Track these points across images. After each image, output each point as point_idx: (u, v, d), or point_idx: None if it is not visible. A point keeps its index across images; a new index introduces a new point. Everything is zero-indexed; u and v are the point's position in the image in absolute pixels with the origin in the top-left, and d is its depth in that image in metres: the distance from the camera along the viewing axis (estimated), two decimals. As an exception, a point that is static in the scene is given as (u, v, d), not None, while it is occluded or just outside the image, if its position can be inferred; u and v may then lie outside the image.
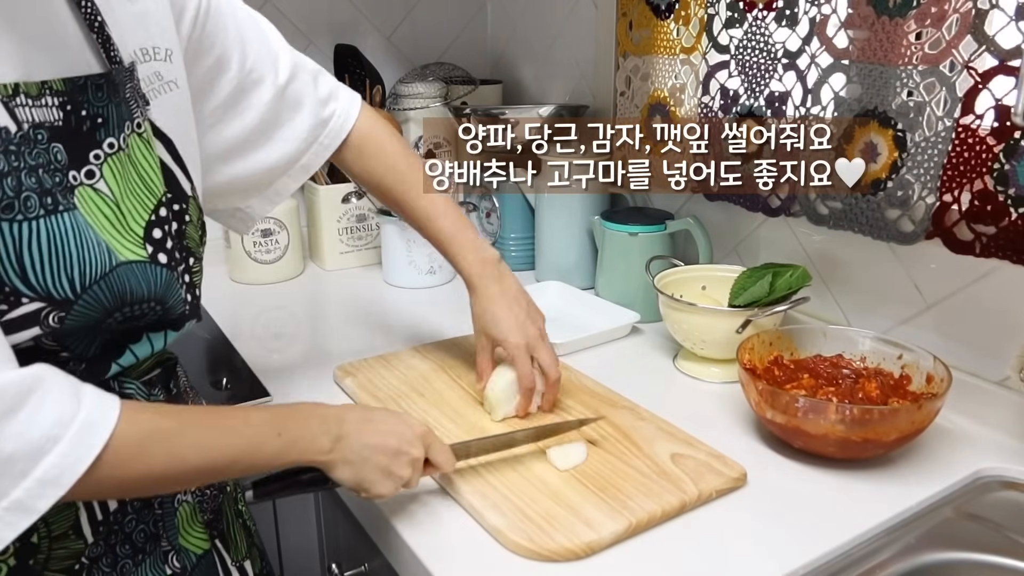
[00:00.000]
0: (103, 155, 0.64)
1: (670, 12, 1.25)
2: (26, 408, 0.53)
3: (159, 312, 0.68)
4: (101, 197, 0.64)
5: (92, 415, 0.56)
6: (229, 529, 0.83)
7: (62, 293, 0.59)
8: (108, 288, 0.62)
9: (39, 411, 0.54)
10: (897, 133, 0.97)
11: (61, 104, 0.61)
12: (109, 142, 0.65)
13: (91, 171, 0.63)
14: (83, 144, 0.63)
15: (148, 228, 0.67)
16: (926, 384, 0.91)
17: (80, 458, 0.55)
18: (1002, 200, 0.89)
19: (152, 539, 0.72)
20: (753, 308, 1.04)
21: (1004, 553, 0.78)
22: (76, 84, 0.62)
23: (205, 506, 0.79)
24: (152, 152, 0.69)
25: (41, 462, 0.53)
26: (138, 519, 0.70)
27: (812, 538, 0.76)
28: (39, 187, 0.58)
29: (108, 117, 0.65)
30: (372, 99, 1.57)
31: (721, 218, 1.27)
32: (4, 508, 0.53)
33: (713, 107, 1.22)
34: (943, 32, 0.91)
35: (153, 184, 0.69)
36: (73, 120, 0.62)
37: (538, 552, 0.73)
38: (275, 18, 1.54)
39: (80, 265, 0.60)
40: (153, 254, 0.67)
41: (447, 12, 1.74)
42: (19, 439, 0.53)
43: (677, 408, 0.98)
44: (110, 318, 0.63)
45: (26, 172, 0.57)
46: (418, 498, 0.83)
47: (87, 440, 0.55)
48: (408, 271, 1.44)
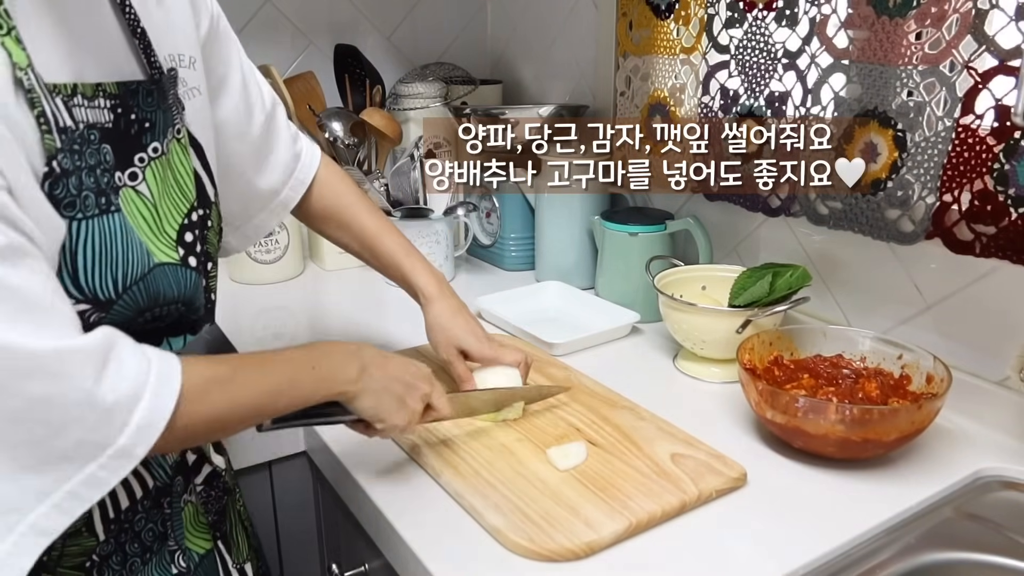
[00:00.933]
0: (147, 159, 0.67)
1: (670, 12, 1.25)
2: (112, 363, 0.57)
3: (182, 313, 0.70)
4: (142, 199, 0.66)
5: (162, 366, 0.60)
6: (232, 531, 0.84)
7: (106, 294, 0.62)
8: (145, 289, 0.65)
9: (123, 365, 0.57)
10: (897, 133, 0.97)
11: (112, 107, 0.64)
12: (154, 146, 0.67)
13: (134, 173, 0.66)
14: (129, 147, 0.65)
15: (181, 232, 0.70)
16: (926, 384, 0.91)
17: (165, 404, 0.58)
18: (1002, 200, 0.89)
19: (160, 538, 0.73)
20: (753, 308, 1.04)
21: (1004, 553, 0.78)
22: (128, 88, 0.65)
23: (209, 507, 0.80)
24: (188, 158, 0.72)
25: (136, 410, 0.57)
26: (147, 518, 0.72)
27: (812, 538, 0.76)
28: (96, 186, 0.61)
29: (155, 122, 0.67)
30: (372, 99, 1.57)
31: (721, 218, 1.27)
32: (110, 456, 0.56)
33: (713, 107, 1.22)
34: (943, 32, 0.91)
35: (187, 189, 0.72)
36: (122, 123, 0.64)
37: (538, 552, 0.73)
38: (275, 18, 1.55)
39: (124, 266, 0.63)
40: (184, 257, 0.70)
41: (447, 12, 1.74)
42: (115, 391, 0.56)
43: (677, 408, 0.98)
44: (140, 318, 0.66)
45: (86, 171, 0.60)
46: (418, 498, 0.83)
47: (166, 388, 0.59)
48: (408, 271, 1.44)
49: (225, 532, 0.82)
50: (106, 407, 0.56)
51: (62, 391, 0.54)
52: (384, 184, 1.45)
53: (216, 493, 0.81)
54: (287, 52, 1.58)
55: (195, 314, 0.73)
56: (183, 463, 0.77)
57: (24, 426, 0.53)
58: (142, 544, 0.71)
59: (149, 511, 0.72)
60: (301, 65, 1.59)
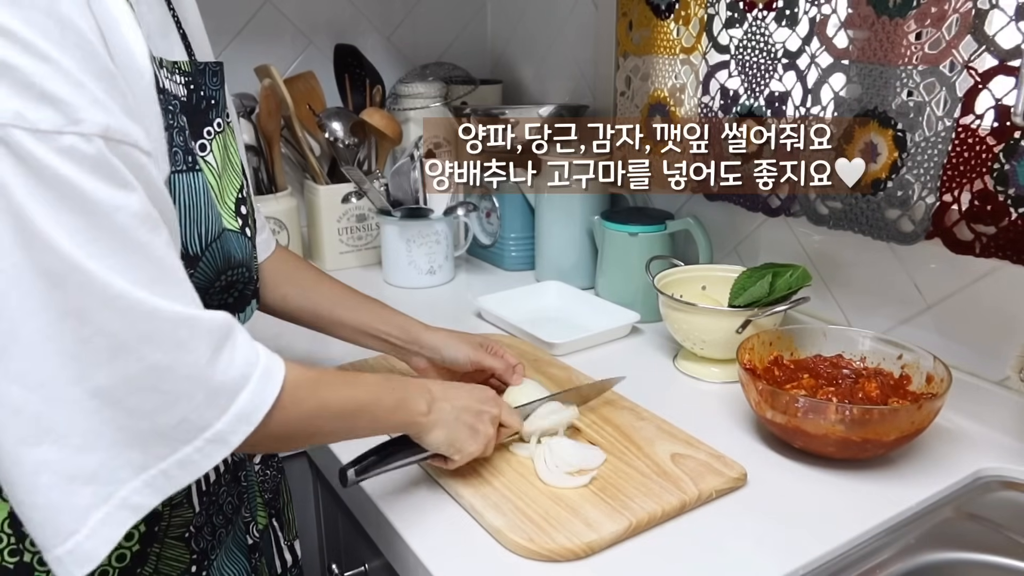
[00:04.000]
0: (213, 132, 0.72)
1: (670, 12, 1.25)
2: (228, 345, 0.58)
3: (245, 282, 0.74)
4: (210, 169, 0.70)
5: (269, 360, 0.62)
6: (284, 509, 0.89)
7: (194, 249, 0.66)
8: (220, 248, 0.69)
9: (237, 350, 0.59)
10: (897, 133, 0.97)
11: (186, 83, 0.69)
12: (217, 122, 0.73)
13: (203, 144, 0.71)
14: (201, 120, 0.70)
15: (237, 204, 0.74)
16: (926, 384, 0.91)
17: (265, 399, 0.60)
18: (1002, 200, 0.89)
19: (236, 510, 0.78)
20: (753, 308, 1.04)
21: (1004, 553, 0.78)
22: (198, 67, 0.71)
23: (265, 485, 0.85)
24: (236, 139, 0.77)
25: (238, 398, 0.58)
26: (228, 490, 0.76)
27: (812, 538, 0.76)
28: (184, 145, 0.66)
29: (219, 100, 0.73)
30: (372, 99, 1.57)
31: (721, 218, 1.27)
32: (207, 439, 0.57)
33: (713, 107, 1.22)
34: (943, 32, 0.91)
35: (240, 165, 0.77)
36: (194, 98, 0.70)
37: (538, 552, 0.73)
38: (275, 18, 1.55)
39: (206, 223, 0.67)
40: (242, 227, 0.74)
41: (447, 12, 1.74)
42: (225, 373, 0.58)
43: (677, 408, 0.98)
44: (218, 281, 0.70)
45: (176, 131, 0.65)
46: (418, 498, 0.83)
47: (270, 384, 0.61)
48: (408, 271, 1.44)
49: (279, 509, 0.88)
50: (214, 387, 0.57)
51: (181, 362, 0.55)
52: (384, 184, 1.45)
53: (271, 472, 0.86)
54: (287, 52, 1.58)
55: (253, 284, 0.76)
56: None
57: (137, 395, 0.54)
58: (224, 515, 0.76)
59: (229, 484, 0.76)
60: (301, 65, 1.59)
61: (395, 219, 1.42)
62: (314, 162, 1.52)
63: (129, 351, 0.53)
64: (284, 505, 0.90)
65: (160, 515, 0.69)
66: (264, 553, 0.84)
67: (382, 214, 1.43)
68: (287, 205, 1.48)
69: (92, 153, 0.52)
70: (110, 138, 0.53)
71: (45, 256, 0.51)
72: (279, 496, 0.88)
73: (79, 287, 0.52)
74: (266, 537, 0.85)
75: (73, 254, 0.51)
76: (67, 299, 0.52)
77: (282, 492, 0.89)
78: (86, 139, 0.52)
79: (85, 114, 0.52)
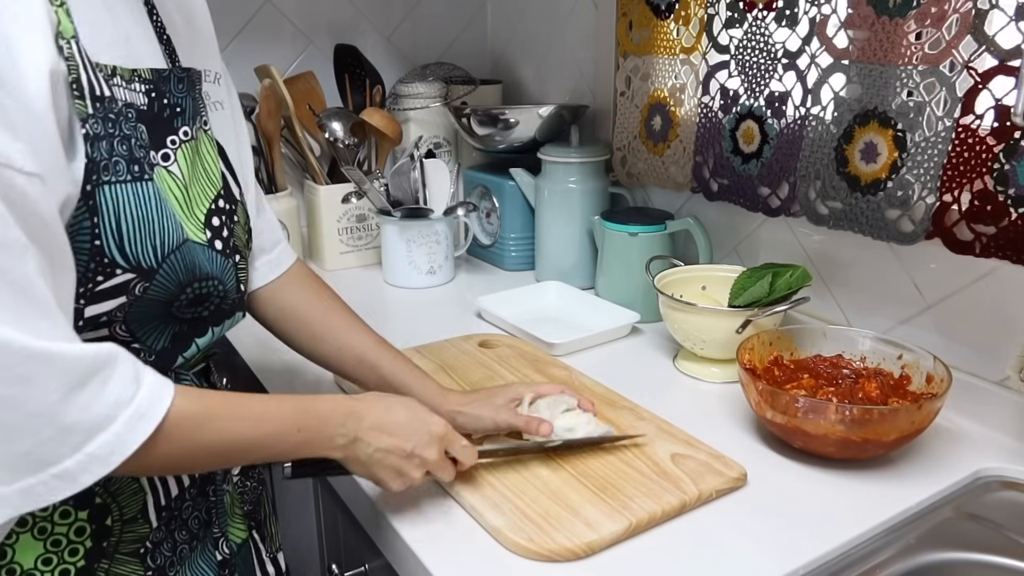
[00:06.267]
0: (178, 141, 0.70)
1: (670, 12, 1.25)
2: (93, 384, 0.56)
3: (221, 293, 0.72)
4: (174, 179, 0.69)
5: (145, 403, 0.58)
6: (266, 520, 0.87)
7: (148, 262, 0.63)
8: (181, 260, 0.66)
9: (103, 389, 0.56)
10: (897, 133, 0.97)
11: (147, 91, 0.67)
12: (184, 130, 0.70)
13: (167, 154, 0.69)
14: (163, 129, 0.68)
15: (208, 216, 0.72)
16: (926, 384, 0.91)
17: (128, 442, 0.57)
18: (1002, 200, 0.89)
19: (205, 525, 0.76)
20: (753, 308, 1.04)
21: (1004, 553, 0.78)
22: (161, 75, 0.68)
23: (245, 497, 0.83)
24: (214, 148, 0.75)
25: (95, 439, 0.56)
26: (194, 506, 0.75)
27: (812, 538, 0.76)
28: (128, 155, 0.63)
29: (185, 108, 0.71)
30: (372, 99, 1.57)
31: (721, 218, 1.27)
32: (53, 475, 0.55)
33: (713, 107, 1.22)
34: (943, 32, 0.91)
35: (214, 176, 0.74)
36: (156, 106, 0.68)
37: (538, 552, 0.73)
38: (275, 18, 1.55)
39: (161, 234, 0.64)
40: (211, 240, 0.72)
41: (447, 12, 1.74)
42: (82, 413, 0.55)
43: (677, 408, 0.98)
44: (183, 294, 0.68)
45: (118, 140, 0.62)
46: (418, 498, 0.82)
47: (140, 425, 0.58)
48: (408, 271, 1.44)
49: (260, 521, 0.86)
50: (65, 425, 0.54)
51: (25, 397, 0.53)
52: (384, 184, 1.45)
53: (252, 484, 0.84)
54: (287, 52, 1.58)
55: (232, 295, 0.74)
56: None
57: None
58: (189, 531, 0.74)
59: (195, 499, 0.75)
60: (301, 65, 1.59)
61: (395, 219, 1.42)
62: (314, 162, 1.52)
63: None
64: (266, 517, 0.87)
65: (110, 530, 0.67)
66: (238, 569, 0.81)
67: (382, 214, 1.43)
68: (287, 205, 1.48)
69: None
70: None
71: None
72: (259, 508, 0.86)
73: None
74: (244, 551, 0.82)
75: None
76: None
77: (264, 504, 0.87)
78: None
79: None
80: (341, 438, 0.71)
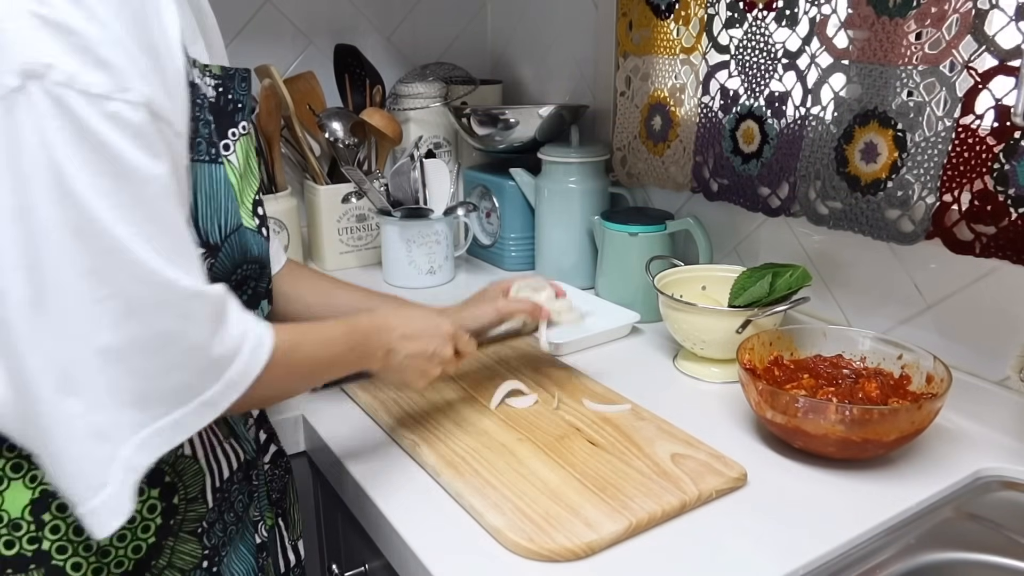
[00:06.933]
0: (237, 134, 0.75)
1: (670, 12, 1.25)
2: (225, 318, 0.62)
3: (259, 277, 0.78)
4: (231, 168, 0.74)
5: (259, 330, 0.65)
6: (290, 509, 0.91)
7: (214, 238, 0.69)
8: (238, 241, 0.72)
9: (231, 322, 0.63)
10: (897, 133, 0.97)
11: (215, 86, 0.73)
12: (242, 124, 0.76)
13: (227, 145, 0.74)
14: (227, 122, 0.74)
15: (255, 205, 0.77)
16: (926, 384, 0.91)
17: (253, 368, 0.64)
18: (1002, 200, 0.89)
19: (246, 508, 0.80)
20: (753, 308, 1.04)
21: (1004, 553, 0.78)
22: (228, 72, 0.74)
23: (273, 484, 0.87)
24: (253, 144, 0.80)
25: (231, 367, 0.62)
26: (239, 489, 0.78)
27: (812, 538, 0.76)
28: (208, 137, 0.69)
29: (245, 105, 0.76)
30: (372, 99, 1.57)
31: (721, 218, 1.27)
32: (200, 402, 0.60)
33: (713, 107, 1.22)
34: (943, 32, 0.91)
35: (258, 169, 0.80)
36: (222, 100, 0.74)
37: (538, 552, 0.73)
38: (275, 18, 1.55)
39: (225, 214, 0.70)
40: (259, 227, 0.77)
41: (447, 12, 1.74)
42: (222, 345, 0.61)
43: (677, 408, 0.98)
44: (233, 275, 0.73)
45: (202, 123, 0.68)
46: (418, 498, 0.83)
47: (258, 354, 0.64)
48: (408, 271, 1.44)
49: (285, 509, 0.89)
50: (213, 358, 0.60)
51: (187, 332, 0.58)
52: (384, 184, 1.45)
53: (279, 472, 0.88)
54: (287, 52, 1.58)
55: (266, 282, 0.80)
56: (256, 440, 0.85)
57: (141, 358, 0.57)
58: (235, 513, 0.78)
59: (241, 482, 0.79)
60: (301, 65, 1.59)
61: (395, 219, 1.42)
62: (314, 162, 1.52)
63: (140, 316, 0.56)
64: (291, 505, 0.91)
65: (176, 509, 0.70)
66: (270, 552, 0.85)
67: (382, 214, 1.43)
68: (287, 205, 1.48)
69: (136, 121, 0.55)
70: (153, 110, 0.56)
71: (76, 214, 0.53)
72: (286, 496, 0.90)
73: (104, 249, 0.54)
74: (272, 536, 0.86)
75: (104, 216, 0.54)
76: (91, 258, 0.54)
77: (289, 492, 0.90)
78: (132, 107, 0.55)
79: (133, 83, 0.55)
80: (380, 351, 0.81)
